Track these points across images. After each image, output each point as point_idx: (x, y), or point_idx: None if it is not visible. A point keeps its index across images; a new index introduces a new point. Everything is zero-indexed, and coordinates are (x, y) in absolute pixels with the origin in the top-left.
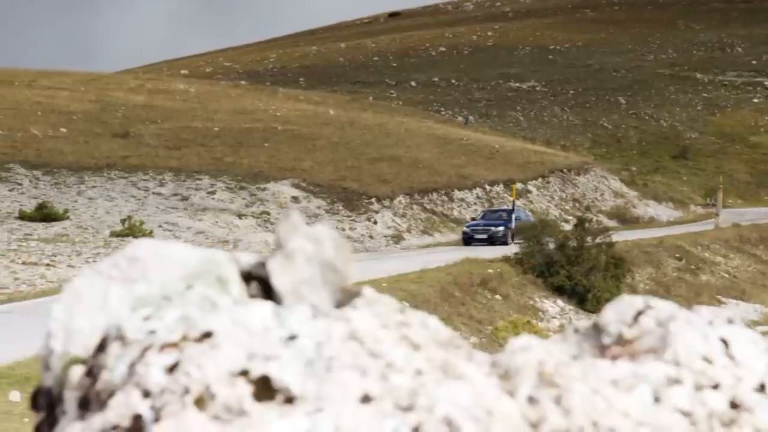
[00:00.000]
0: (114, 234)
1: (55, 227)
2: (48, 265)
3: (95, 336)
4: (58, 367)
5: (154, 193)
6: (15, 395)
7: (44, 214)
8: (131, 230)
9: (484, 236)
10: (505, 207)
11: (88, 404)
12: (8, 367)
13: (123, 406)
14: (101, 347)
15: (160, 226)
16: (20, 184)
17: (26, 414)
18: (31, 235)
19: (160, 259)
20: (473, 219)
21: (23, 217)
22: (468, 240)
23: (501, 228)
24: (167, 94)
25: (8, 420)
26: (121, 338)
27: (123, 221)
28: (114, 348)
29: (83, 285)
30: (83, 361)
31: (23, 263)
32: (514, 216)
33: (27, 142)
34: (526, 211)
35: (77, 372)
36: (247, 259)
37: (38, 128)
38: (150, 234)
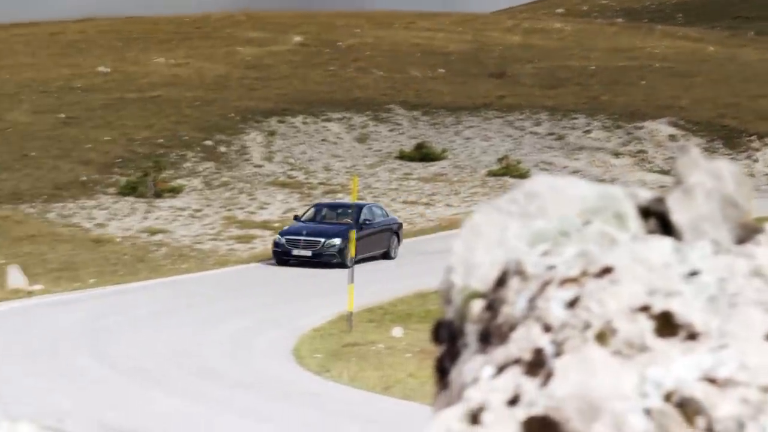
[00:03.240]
0: (490, 173)
1: (434, 167)
2: (426, 204)
3: (494, 270)
4: (458, 301)
5: (530, 132)
6: (397, 331)
7: (423, 154)
8: (507, 170)
9: (308, 252)
10: (356, 201)
11: (488, 337)
12: (390, 304)
13: (524, 340)
14: (500, 282)
15: (535, 166)
16: (400, 125)
17: (408, 350)
18: (410, 174)
19: (557, 194)
20: (297, 219)
21: (403, 156)
22: (282, 256)
23: (336, 241)
24: (543, 34)
25: (392, 355)
26: (521, 273)
27: (500, 160)
28: (513, 282)
29: (482, 220)
30: (483, 295)
31: (403, 202)
32: (362, 218)
33: (406, 83)
34: (383, 208)
35: (478, 306)
36: (645, 195)
37: (417, 69)
38: (526, 174)
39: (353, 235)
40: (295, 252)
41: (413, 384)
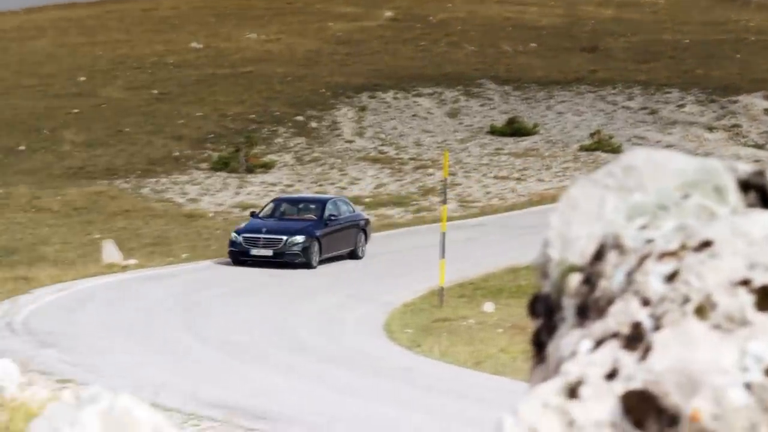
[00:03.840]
0: (582, 148)
1: (525, 142)
2: (518, 179)
3: (591, 244)
4: (555, 275)
5: (622, 107)
6: (489, 306)
7: (514, 129)
8: (600, 144)
9: (268, 252)
10: (319, 195)
11: (585, 311)
12: (482, 279)
13: (622, 314)
14: (598, 255)
15: (628, 140)
16: (491, 99)
17: (500, 325)
18: (501, 149)
19: (655, 168)
20: (254, 215)
21: (494, 131)
22: (239, 256)
23: (300, 238)
24: (636, 7)
25: (483, 330)
26: (618, 247)
27: (592, 135)
28: (611, 256)
29: (579, 194)
30: (580, 269)
31: (494, 177)
32: (326, 213)
33: (497, 57)
34: (349, 203)
35: (575, 279)
36: (745, 168)
37: (508, 44)
38: (619, 148)
39: (445, 209)
40: (254, 252)
41: (504, 359)
